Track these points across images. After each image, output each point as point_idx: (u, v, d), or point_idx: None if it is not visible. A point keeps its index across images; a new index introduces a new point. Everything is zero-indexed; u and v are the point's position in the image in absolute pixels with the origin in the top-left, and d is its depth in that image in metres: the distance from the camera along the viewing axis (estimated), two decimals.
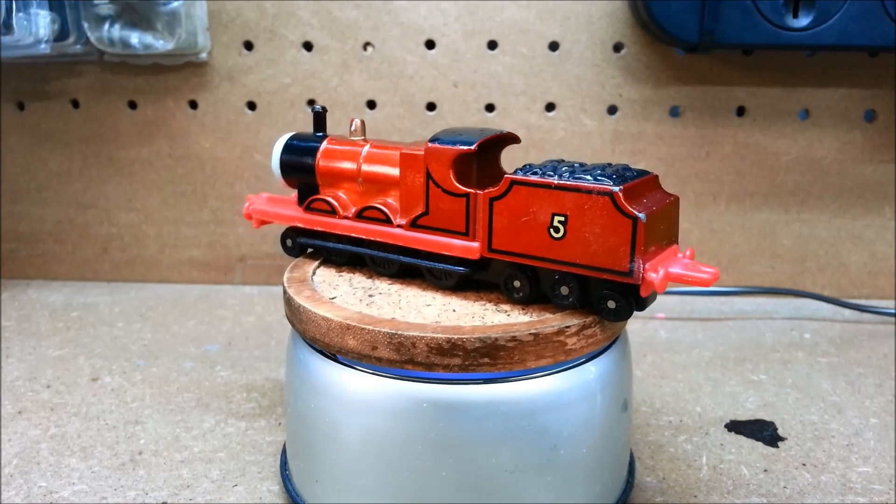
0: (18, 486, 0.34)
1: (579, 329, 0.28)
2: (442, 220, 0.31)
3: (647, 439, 0.39)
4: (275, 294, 0.61)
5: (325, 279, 0.34)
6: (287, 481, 0.33)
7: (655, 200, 0.28)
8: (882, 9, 0.48)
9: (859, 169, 0.57)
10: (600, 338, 0.29)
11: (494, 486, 0.28)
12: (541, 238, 0.28)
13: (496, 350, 0.27)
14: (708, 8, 0.49)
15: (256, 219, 0.37)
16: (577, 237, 0.27)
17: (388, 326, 0.28)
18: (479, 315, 0.29)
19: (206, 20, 0.57)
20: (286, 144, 0.36)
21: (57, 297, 0.60)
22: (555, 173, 0.28)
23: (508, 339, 0.27)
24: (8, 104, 0.60)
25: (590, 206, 0.27)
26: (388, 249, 0.33)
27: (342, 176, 0.34)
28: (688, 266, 0.27)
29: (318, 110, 0.36)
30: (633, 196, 0.27)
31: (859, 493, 0.34)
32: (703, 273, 0.27)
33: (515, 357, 0.27)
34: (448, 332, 0.27)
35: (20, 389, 0.44)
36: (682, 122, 0.57)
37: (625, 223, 0.26)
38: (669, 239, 0.28)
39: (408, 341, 0.27)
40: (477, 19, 0.56)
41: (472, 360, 0.27)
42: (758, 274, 0.60)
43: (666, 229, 0.28)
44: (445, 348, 0.27)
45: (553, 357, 0.28)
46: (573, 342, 0.28)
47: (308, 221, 0.35)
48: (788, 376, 0.46)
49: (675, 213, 0.29)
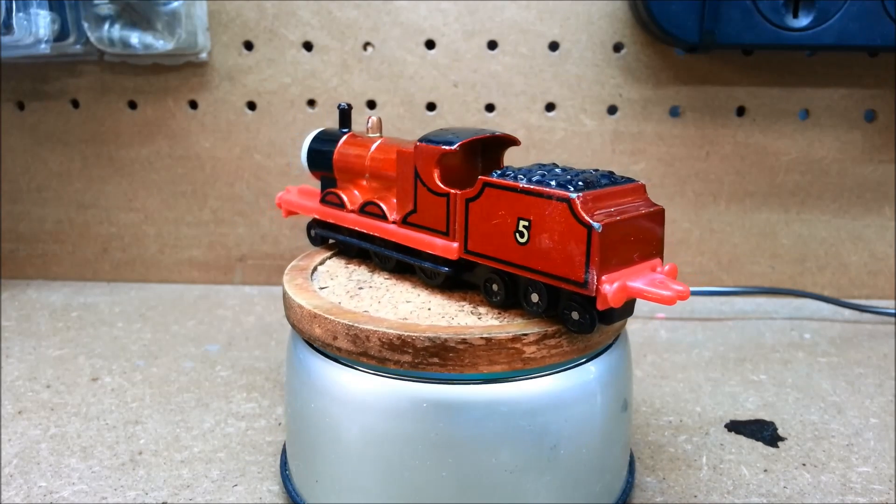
0: (18, 486, 0.34)
1: (539, 338, 0.27)
2: (427, 219, 0.31)
3: (647, 439, 0.39)
4: (275, 294, 0.61)
5: (329, 269, 0.35)
6: (287, 481, 0.33)
7: (628, 210, 0.26)
8: (882, 9, 0.48)
9: (859, 169, 0.57)
10: (567, 349, 0.28)
11: (494, 486, 0.28)
12: (509, 242, 0.28)
13: (445, 351, 0.27)
14: (708, 8, 0.49)
15: (285, 208, 0.39)
16: (538, 243, 0.27)
17: (348, 318, 0.28)
18: (450, 315, 0.29)
19: (206, 20, 0.57)
20: (313, 138, 0.38)
21: (57, 297, 0.60)
22: (525, 177, 0.27)
23: (458, 341, 0.27)
24: (8, 104, 0.60)
25: (549, 212, 0.26)
26: (386, 245, 0.34)
27: (353, 171, 0.35)
28: (653, 282, 0.26)
29: (343, 107, 0.37)
30: (596, 204, 0.26)
31: (859, 493, 0.34)
32: (665, 291, 0.25)
33: (466, 360, 0.27)
34: (400, 329, 0.27)
35: (20, 389, 0.44)
36: (682, 122, 0.57)
37: (581, 232, 0.25)
38: (648, 252, 0.27)
39: (362, 334, 0.28)
40: (477, 19, 0.56)
41: (421, 358, 0.27)
42: (758, 274, 0.60)
43: (641, 241, 0.27)
44: (396, 344, 0.27)
45: (508, 364, 0.27)
46: (532, 351, 0.27)
47: (322, 213, 0.36)
48: (788, 376, 0.46)
49: (655, 226, 0.27)
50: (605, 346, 0.30)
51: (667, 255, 0.59)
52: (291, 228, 0.61)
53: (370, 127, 0.36)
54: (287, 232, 0.61)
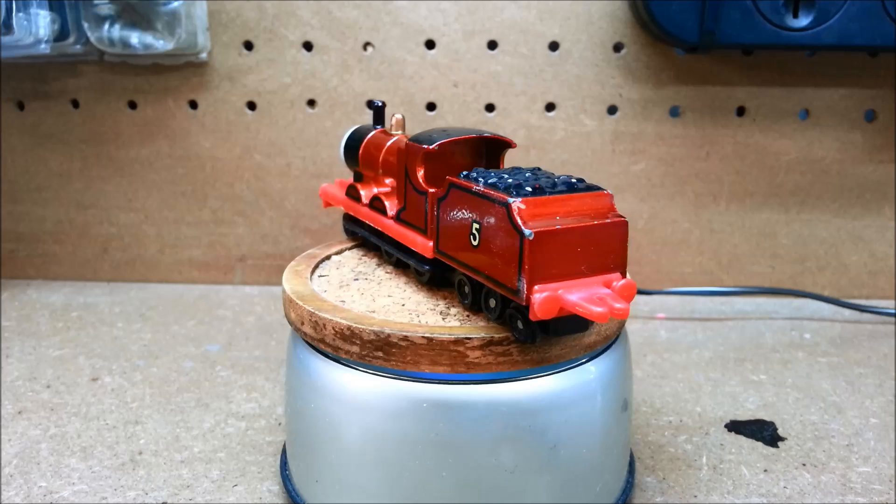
0: (18, 486, 0.34)
1: (484, 344, 0.27)
2: (413, 216, 0.32)
3: (647, 439, 0.39)
4: (275, 294, 0.61)
5: (342, 259, 0.36)
6: (287, 481, 0.33)
7: (578, 220, 0.25)
8: (882, 9, 0.48)
9: (859, 169, 0.57)
10: (518, 359, 0.27)
11: (494, 486, 0.28)
12: (466, 245, 0.27)
13: (389, 346, 0.27)
14: (708, 8, 0.49)
15: (324, 199, 0.40)
16: (486, 247, 0.26)
17: (313, 306, 0.29)
18: (418, 312, 0.29)
19: (206, 20, 0.57)
20: (349, 135, 0.39)
21: (57, 297, 0.60)
22: (483, 179, 0.27)
23: (401, 337, 0.27)
24: (8, 104, 0.60)
25: (492, 216, 0.26)
26: (386, 240, 0.35)
27: (372, 167, 0.36)
28: (591, 297, 0.24)
29: (377, 105, 0.38)
30: (537, 211, 0.25)
31: (859, 493, 0.34)
32: (598, 307, 0.23)
33: (408, 357, 0.27)
34: (351, 321, 0.28)
35: (20, 389, 0.44)
36: (682, 122, 0.57)
37: (515, 238, 0.24)
38: (602, 265, 0.25)
39: (321, 322, 0.29)
40: (477, 19, 0.56)
41: (367, 350, 0.28)
42: (758, 274, 0.60)
43: (592, 253, 0.25)
44: (346, 335, 0.28)
45: (451, 366, 0.27)
46: (476, 356, 0.27)
47: (346, 205, 0.38)
48: (788, 376, 0.46)
49: (613, 238, 0.25)
50: (605, 346, 0.30)
51: (667, 255, 0.59)
52: (291, 229, 0.61)
53: (393, 125, 0.37)
54: (287, 232, 0.61)
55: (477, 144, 0.32)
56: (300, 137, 0.59)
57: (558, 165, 0.58)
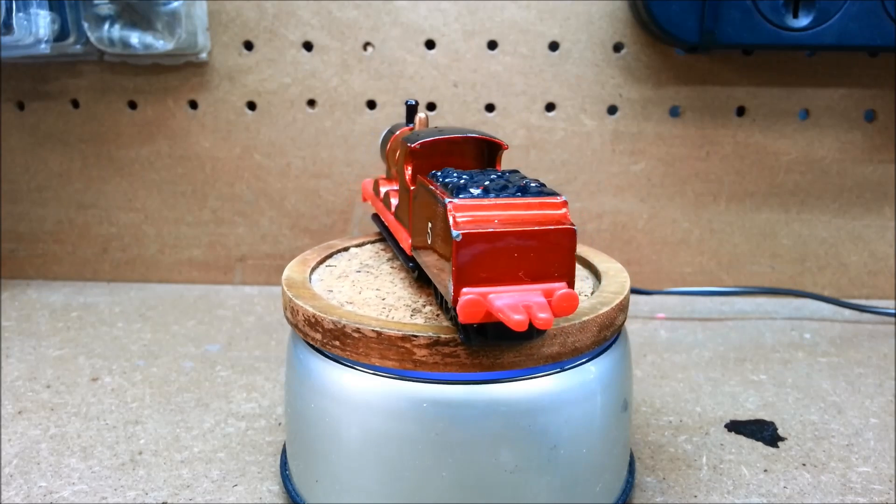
0: (18, 486, 0.34)
1: (430, 343, 0.26)
2: (403, 213, 0.32)
3: (647, 439, 0.39)
4: (275, 294, 0.61)
5: (358, 252, 0.38)
6: (287, 481, 0.33)
7: (518, 224, 0.24)
8: (882, 9, 0.48)
9: (859, 169, 0.57)
10: (465, 362, 0.26)
11: (494, 487, 0.28)
12: (425, 242, 0.27)
13: (344, 336, 0.28)
14: (708, 8, 0.49)
15: (363, 193, 0.42)
16: (433, 246, 0.26)
17: (293, 293, 0.30)
18: (392, 307, 0.30)
19: (206, 20, 0.57)
20: (384, 132, 0.41)
21: (57, 297, 0.60)
22: (442, 178, 0.27)
23: (354, 329, 0.27)
24: (8, 104, 0.60)
25: (438, 216, 0.25)
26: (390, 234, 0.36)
27: (393, 162, 0.37)
28: (515, 305, 0.23)
29: (410, 104, 0.39)
30: (472, 213, 0.24)
31: (859, 493, 0.34)
32: (517, 315, 0.23)
33: (360, 349, 0.27)
34: (317, 309, 0.29)
35: (20, 389, 0.44)
36: (682, 122, 0.57)
37: (449, 238, 0.24)
38: (544, 273, 0.24)
39: (295, 308, 0.30)
40: (477, 19, 0.56)
41: (327, 339, 0.28)
42: (758, 274, 0.60)
43: (532, 260, 0.24)
44: (312, 322, 0.29)
45: (399, 362, 0.27)
46: (423, 354, 0.27)
47: (371, 200, 0.40)
48: (788, 376, 0.46)
49: (557, 246, 0.24)
50: (605, 346, 0.30)
51: (667, 255, 0.59)
52: (291, 229, 0.61)
53: (416, 124, 0.38)
54: (287, 232, 0.61)
55: (472, 145, 0.32)
56: (300, 137, 0.59)
57: (558, 165, 0.58)
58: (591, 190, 0.59)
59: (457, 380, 0.27)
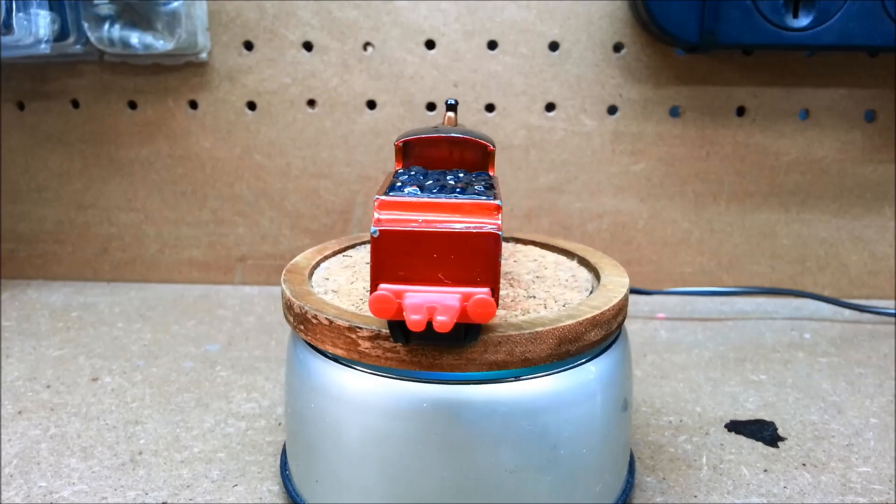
0: (18, 486, 0.34)
1: (372, 336, 0.27)
2: None
3: (647, 439, 0.39)
4: (275, 294, 0.61)
5: None
6: (287, 481, 0.33)
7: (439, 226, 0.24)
8: (882, 9, 0.48)
9: (859, 169, 0.57)
10: (405, 358, 0.26)
11: (494, 486, 0.28)
12: None
13: (306, 322, 0.29)
14: (708, 8, 0.49)
15: None
16: None
17: (286, 277, 0.32)
18: (366, 299, 0.30)
19: (206, 20, 0.57)
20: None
21: (57, 297, 0.60)
22: (399, 176, 0.27)
23: (312, 315, 0.28)
24: (8, 104, 0.60)
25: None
26: None
27: None
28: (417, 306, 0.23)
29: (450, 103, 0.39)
30: (396, 212, 0.24)
31: (859, 493, 0.34)
32: (415, 315, 0.23)
33: (317, 335, 0.28)
34: (294, 295, 0.30)
35: (20, 389, 0.44)
36: (682, 122, 0.57)
37: None
38: (465, 277, 0.24)
39: (283, 294, 0.31)
40: (477, 19, 0.56)
41: (296, 322, 0.30)
42: (758, 274, 0.60)
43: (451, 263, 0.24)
44: (288, 305, 0.30)
45: (346, 351, 0.28)
46: (367, 346, 0.27)
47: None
48: (788, 376, 0.46)
49: (478, 250, 0.24)
50: (605, 346, 0.30)
51: (667, 255, 0.59)
52: (291, 229, 0.61)
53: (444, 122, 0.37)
54: (287, 232, 0.61)
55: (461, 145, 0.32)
56: (300, 137, 0.59)
57: (558, 165, 0.58)
58: (591, 190, 0.59)
59: (457, 379, 0.27)
